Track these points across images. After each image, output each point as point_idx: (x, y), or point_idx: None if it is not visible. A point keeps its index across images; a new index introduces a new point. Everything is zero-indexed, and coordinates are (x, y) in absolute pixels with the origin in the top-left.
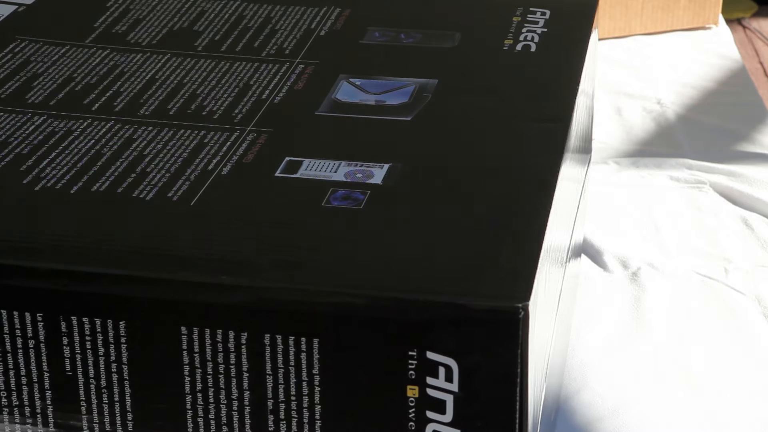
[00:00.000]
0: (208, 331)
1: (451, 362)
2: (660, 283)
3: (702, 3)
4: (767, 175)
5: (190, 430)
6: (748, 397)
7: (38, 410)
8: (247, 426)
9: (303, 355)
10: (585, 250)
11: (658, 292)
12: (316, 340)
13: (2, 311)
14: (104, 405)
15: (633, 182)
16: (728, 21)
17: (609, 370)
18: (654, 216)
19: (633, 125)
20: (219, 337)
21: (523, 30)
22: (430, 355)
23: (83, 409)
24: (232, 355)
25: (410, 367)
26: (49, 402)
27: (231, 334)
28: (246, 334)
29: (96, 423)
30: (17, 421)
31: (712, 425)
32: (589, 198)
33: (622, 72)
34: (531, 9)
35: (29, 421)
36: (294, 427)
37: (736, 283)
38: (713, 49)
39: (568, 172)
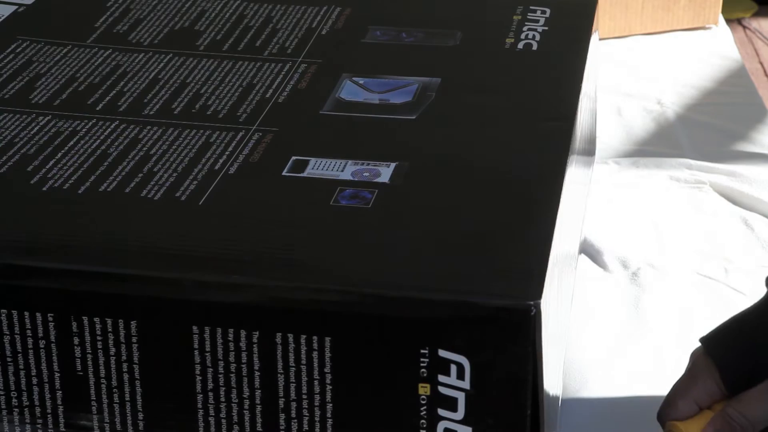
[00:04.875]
0: (219, 330)
1: (463, 360)
2: (660, 283)
3: (702, 3)
4: (767, 175)
5: (201, 429)
6: None
7: (49, 410)
8: (258, 424)
9: (315, 354)
10: (585, 250)
11: (658, 292)
12: (328, 339)
13: (13, 312)
14: (115, 405)
15: (633, 182)
16: (728, 21)
17: (609, 370)
18: (654, 216)
19: (633, 125)
20: (230, 336)
21: (524, 28)
22: (442, 353)
23: (94, 409)
24: (244, 354)
25: (422, 365)
26: (59, 402)
27: (243, 333)
28: (258, 333)
29: (107, 423)
30: (28, 421)
31: None
32: (589, 198)
33: (622, 72)
34: (531, 7)
35: (40, 421)
36: (305, 426)
37: (736, 283)
38: (713, 49)
39: (574, 173)
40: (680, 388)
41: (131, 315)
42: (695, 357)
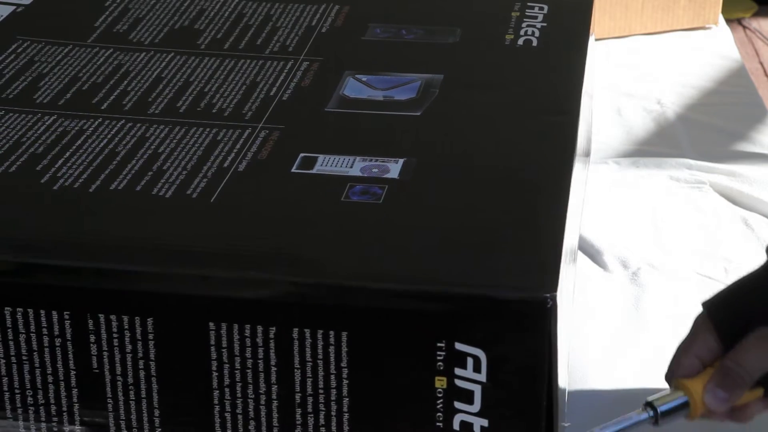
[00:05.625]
0: (236, 326)
1: (479, 353)
2: (660, 283)
3: (702, 3)
4: (767, 175)
5: (217, 424)
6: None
7: (64, 408)
8: (275, 420)
9: (331, 349)
10: (585, 250)
11: (658, 292)
12: (344, 334)
13: (29, 310)
14: (131, 402)
15: (633, 182)
16: (728, 21)
17: (608, 369)
18: (654, 216)
19: (633, 125)
20: (247, 332)
21: (523, 25)
22: (459, 346)
23: (110, 406)
24: (260, 350)
25: (439, 358)
26: (75, 400)
27: (259, 328)
28: (274, 328)
29: (123, 420)
30: (44, 419)
31: (714, 424)
32: (588, 198)
33: (622, 72)
34: (529, 4)
35: (55, 419)
36: (322, 420)
37: None
38: (713, 49)
39: (577, 170)
40: (682, 347)
41: (147, 312)
42: (696, 319)
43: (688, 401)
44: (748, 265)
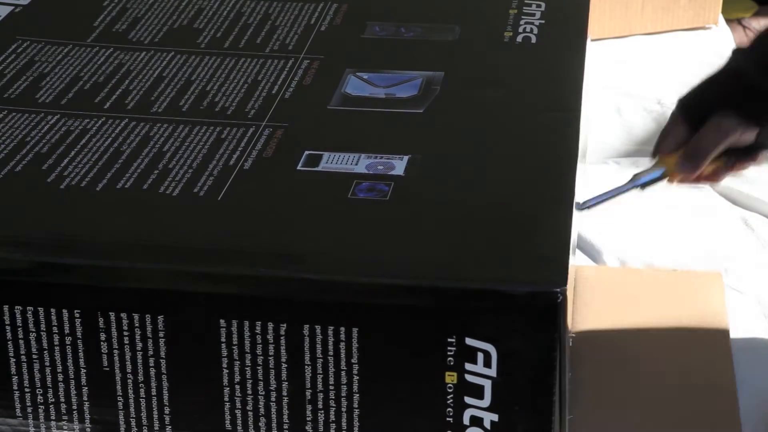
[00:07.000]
0: (246, 323)
1: (489, 348)
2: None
3: (702, 3)
4: (767, 175)
5: (227, 422)
6: (749, 396)
7: (74, 407)
8: (285, 416)
9: (342, 345)
10: (585, 250)
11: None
12: (355, 330)
13: (39, 309)
14: (141, 399)
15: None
16: (728, 21)
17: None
18: (654, 216)
19: (633, 125)
20: (258, 329)
21: (521, 22)
22: (469, 341)
23: (120, 404)
24: (271, 347)
25: (449, 353)
26: (85, 398)
27: (270, 325)
28: (285, 325)
29: (133, 418)
30: (53, 417)
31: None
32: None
33: (622, 72)
34: (526, 2)
35: (65, 417)
36: (332, 416)
37: (736, 283)
38: (713, 49)
39: (579, 167)
40: (662, 133)
41: (157, 310)
42: (672, 111)
43: (666, 171)
44: (749, 264)
